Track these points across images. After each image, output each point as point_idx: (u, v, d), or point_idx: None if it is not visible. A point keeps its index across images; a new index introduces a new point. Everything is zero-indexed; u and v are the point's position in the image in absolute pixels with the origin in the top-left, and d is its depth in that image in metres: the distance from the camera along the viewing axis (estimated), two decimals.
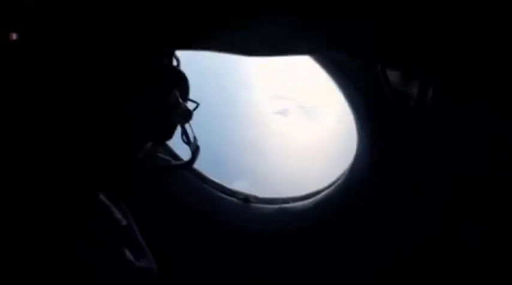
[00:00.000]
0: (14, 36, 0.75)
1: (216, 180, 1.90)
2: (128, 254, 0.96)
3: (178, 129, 0.99)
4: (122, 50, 0.82)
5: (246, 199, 1.87)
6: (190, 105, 1.04)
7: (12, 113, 0.76)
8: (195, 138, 0.99)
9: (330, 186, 1.76)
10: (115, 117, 0.79)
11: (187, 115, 0.88)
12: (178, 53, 1.10)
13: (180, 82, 0.88)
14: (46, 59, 0.78)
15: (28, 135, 0.77)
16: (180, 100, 0.86)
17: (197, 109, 0.94)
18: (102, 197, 1.00)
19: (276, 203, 1.86)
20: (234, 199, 1.87)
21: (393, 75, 1.21)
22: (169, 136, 0.91)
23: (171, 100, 0.84)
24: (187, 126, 0.99)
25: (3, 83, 0.76)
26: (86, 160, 0.79)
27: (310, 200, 1.79)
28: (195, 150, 1.01)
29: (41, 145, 0.77)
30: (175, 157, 1.74)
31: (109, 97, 0.79)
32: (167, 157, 1.09)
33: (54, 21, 0.79)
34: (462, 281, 1.17)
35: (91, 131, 0.78)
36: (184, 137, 1.01)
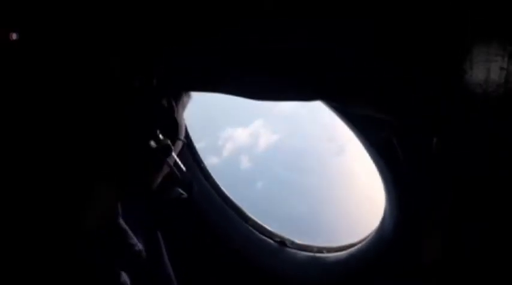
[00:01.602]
0: (14, 36, 0.76)
1: (258, 220, 1.97)
2: (124, 277, 0.98)
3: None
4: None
5: (282, 242, 1.88)
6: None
7: (12, 113, 0.79)
8: (185, 172, 1.06)
9: (363, 240, 1.67)
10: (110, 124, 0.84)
11: (166, 151, 0.93)
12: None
13: (166, 122, 0.94)
14: (46, 59, 0.81)
15: (28, 135, 0.81)
16: (161, 137, 0.91)
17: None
18: (121, 221, 1.06)
19: (311, 251, 1.82)
20: (271, 241, 1.90)
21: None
22: (156, 168, 0.97)
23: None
24: (179, 163, 1.05)
25: (3, 83, 0.79)
26: (84, 160, 0.85)
27: (343, 252, 1.72)
28: (189, 184, 1.07)
29: (41, 145, 0.81)
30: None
31: (108, 99, 0.83)
32: (181, 191, 1.18)
33: (54, 21, 0.82)
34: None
35: (89, 131, 0.84)
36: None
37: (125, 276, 0.98)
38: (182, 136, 1.04)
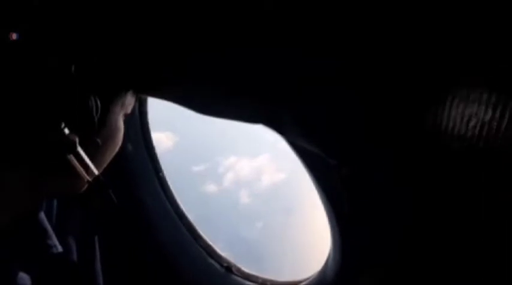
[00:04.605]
0: (14, 36, 0.76)
1: (209, 241, 1.90)
2: (23, 280, 0.90)
3: None
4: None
5: (229, 268, 1.81)
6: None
7: (11, 113, 0.79)
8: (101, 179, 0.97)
9: (307, 279, 1.60)
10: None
11: (70, 146, 0.83)
12: None
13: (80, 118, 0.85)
14: (46, 59, 0.80)
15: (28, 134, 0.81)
16: (66, 131, 0.82)
17: None
18: (41, 220, 1.00)
19: (255, 282, 1.75)
20: (217, 265, 1.83)
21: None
22: (60, 166, 0.88)
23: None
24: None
25: (2, 83, 0.79)
26: None
27: None
28: (105, 193, 0.97)
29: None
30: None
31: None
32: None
33: (54, 21, 0.81)
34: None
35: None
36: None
37: (24, 279, 0.90)
38: (110, 139, 0.96)
